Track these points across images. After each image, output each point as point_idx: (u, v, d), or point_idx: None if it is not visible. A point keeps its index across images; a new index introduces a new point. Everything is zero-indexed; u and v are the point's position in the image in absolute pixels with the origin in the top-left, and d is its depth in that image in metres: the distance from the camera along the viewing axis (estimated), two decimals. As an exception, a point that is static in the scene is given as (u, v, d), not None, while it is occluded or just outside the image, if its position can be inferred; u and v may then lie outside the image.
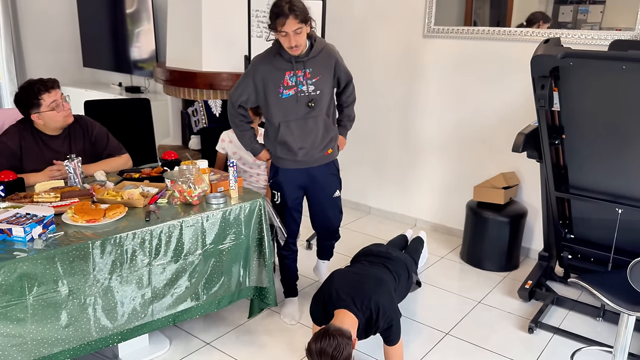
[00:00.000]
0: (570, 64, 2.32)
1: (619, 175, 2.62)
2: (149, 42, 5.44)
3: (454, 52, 3.80)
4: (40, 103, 2.63)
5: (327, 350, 2.06)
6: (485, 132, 3.78)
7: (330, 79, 2.70)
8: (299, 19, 2.41)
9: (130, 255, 2.18)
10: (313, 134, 2.69)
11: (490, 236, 3.53)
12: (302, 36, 2.48)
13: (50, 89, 2.66)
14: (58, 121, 2.72)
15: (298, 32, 2.44)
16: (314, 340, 2.11)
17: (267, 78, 2.62)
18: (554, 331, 2.88)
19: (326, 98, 2.68)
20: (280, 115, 2.66)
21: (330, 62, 2.67)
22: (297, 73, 2.59)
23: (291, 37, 2.44)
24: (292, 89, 2.61)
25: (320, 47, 2.64)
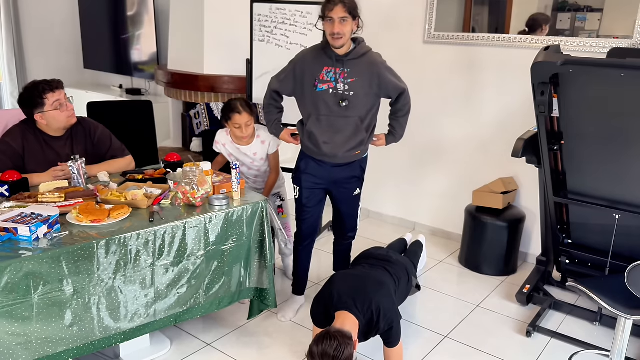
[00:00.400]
0: (570, 71, 2.36)
1: (617, 181, 2.66)
2: (150, 44, 5.46)
3: (454, 58, 3.84)
4: (44, 102, 2.65)
5: (328, 351, 2.08)
6: (484, 137, 3.82)
7: (369, 84, 2.67)
8: (346, 9, 2.52)
9: (134, 255, 2.20)
10: (340, 134, 2.71)
11: (488, 241, 3.56)
12: (347, 27, 2.55)
13: (55, 89, 2.69)
14: (61, 121, 2.74)
15: (343, 22, 2.53)
16: (315, 343, 2.13)
17: (306, 69, 2.71)
18: (551, 335, 2.91)
19: (361, 102, 2.68)
20: (312, 108, 2.72)
21: (372, 70, 2.67)
22: (336, 70, 2.64)
23: (336, 24, 2.53)
24: (327, 84, 2.66)
25: (363, 52, 2.68)
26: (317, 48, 2.73)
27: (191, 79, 4.37)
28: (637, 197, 2.65)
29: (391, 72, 2.74)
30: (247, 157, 3.05)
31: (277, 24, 3.80)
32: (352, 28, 2.59)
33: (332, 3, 2.52)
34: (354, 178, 2.87)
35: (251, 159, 3.04)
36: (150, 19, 5.37)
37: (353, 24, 2.59)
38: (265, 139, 3.03)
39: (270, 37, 3.82)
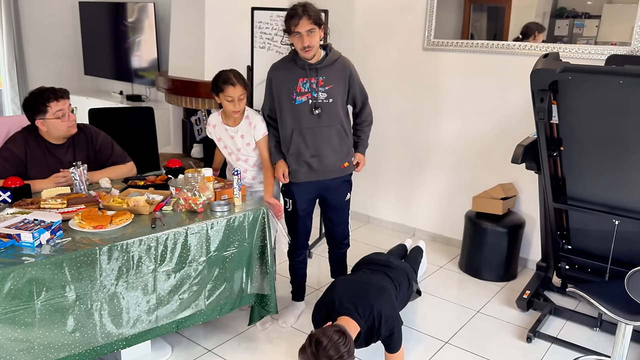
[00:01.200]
0: (569, 78, 2.38)
1: (616, 187, 2.68)
2: (150, 50, 5.49)
3: (454, 64, 3.86)
4: (46, 110, 2.67)
5: (320, 339, 2.09)
6: (484, 143, 3.84)
7: (344, 89, 2.72)
8: (311, 20, 2.52)
9: (137, 261, 2.21)
10: (327, 142, 2.72)
11: (488, 246, 3.57)
12: (315, 37, 2.56)
13: (60, 98, 2.71)
14: (61, 130, 2.75)
15: (311, 33, 2.53)
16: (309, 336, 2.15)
17: (280, 84, 2.71)
18: (551, 341, 2.91)
19: (339, 107, 2.71)
20: (293, 122, 2.71)
21: (345, 73, 2.71)
22: (311, 80, 2.65)
23: (304, 38, 2.53)
24: (305, 96, 2.66)
25: (335, 57, 2.70)
26: (287, 60, 2.72)
27: (192, 85, 4.38)
28: (636, 203, 2.67)
29: (358, 78, 2.80)
30: (233, 142, 2.87)
31: (277, 31, 3.82)
32: (319, 36, 2.60)
33: (297, 17, 2.51)
34: (345, 182, 2.88)
35: (238, 144, 2.86)
36: (150, 26, 5.39)
37: (320, 32, 2.59)
38: (253, 120, 2.83)
39: (270, 44, 3.84)
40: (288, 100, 2.69)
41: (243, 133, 2.84)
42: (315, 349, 2.07)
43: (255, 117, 2.84)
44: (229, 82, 2.69)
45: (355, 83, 2.76)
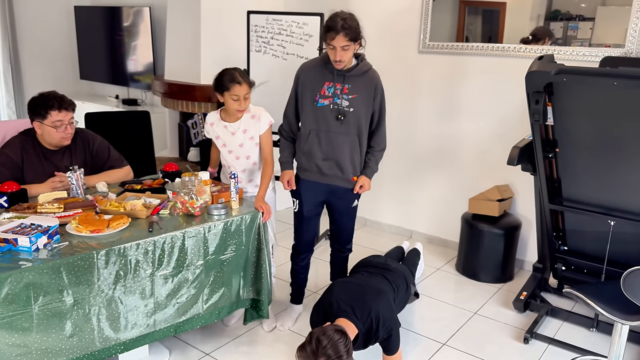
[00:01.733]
0: (563, 80, 2.39)
1: (612, 188, 2.69)
2: (146, 55, 5.49)
3: (449, 67, 3.88)
4: (46, 116, 2.67)
5: (320, 338, 2.11)
6: (479, 145, 3.85)
7: (369, 101, 2.69)
8: (348, 37, 2.48)
9: (134, 265, 2.21)
10: (339, 150, 2.71)
11: (485, 248, 3.58)
12: (349, 53, 2.55)
13: (63, 109, 2.69)
14: (54, 139, 2.75)
15: (345, 49, 2.52)
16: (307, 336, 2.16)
17: (306, 84, 2.71)
18: (549, 342, 2.92)
19: (360, 118, 2.68)
20: (312, 123, 2.72)
21: (371, 85, 2.68)
22: (336, 85, 2.65)
23: (337, 52, 2.52)
24: (328, 99, 2.67)
25: (365, 69, 2.67)
26: (318, 61, 2.72)
27: (188, 89, 4.39)
28: (631, 204, 2.68)
29: (384, 98, 2.77)
30: (235, 138, 2.80)
31: (273, 35, 3.83)
32: (354, 50, 2.59)
33: (334, 31, 2.47)
34: (352, 190, 2.84)
35: (240, 139, 2.80)
36: (146, 30, 5.40)
37: (355, 46, 2.57)
38: (256, 112, 2.79)
39: (267, 48, 3.85)
40: (311, 100, 2.70)
41: (245, 128, 2.79)
42: (315, 347, 2.08)
43: (257, 110, 2.81)
44: (236, 81, 2.65)
45: (378, 98, 2.72)
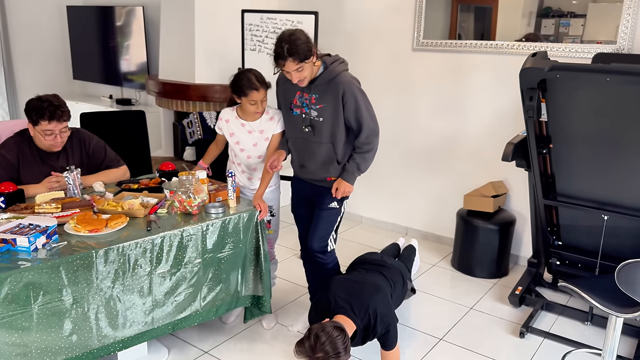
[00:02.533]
0: (557, 77, 2.42)
1: (605, 183, 2.72)
2: (139, 54, 5.48)
3: (443, 64, 3.90)
4: (37, 123, 2.65)
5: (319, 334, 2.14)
6: (474, 142, 3.88)
7: (337, 109, 2.58)
8: (297, 60, 2.42)
9: (133, 264, 2.22)
10: (314, 158, 2.70)
11: (480, 244, 3.61)
12: (305, 72, 2.48)
13: (55, 120, 2.65)
14: (42, 145, 2.74)
15: (300, 70, 2.46)
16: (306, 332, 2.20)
17: (286, 91, 2.72)
18: (544, 335, 2.95)
19: (332, 126, 2.62)
20: (290, 130, 2.74)
21: (338, 92, 2.56)
22: (305, 95, 2.63)
23: (293, 75, 2.49)
24: (299, 109, 2.67)
25: (330, 76, 2.57)
26: None
27: (182, 89, 4.39)
28: (624, 198, 2.71)
29: (359, 100, 2.56)
30: (250, 137, 2.80)
31: (268, 33, 3.84)
32: (311, 66, 2.50)
33: (282, 59, 2.43)
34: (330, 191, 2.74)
35: (256, 139, 2.80)
36: (139, 29, 5.39)
37: (310, 62, 2.47)
38: (274, 115, 2.81)
39: (261, 46, 3.86)
40: (287, 108, 2.72)
41: (263, 128, 2.80)
42: (314, 343, 2.10)
43: (276, 113, 2.82)
44: (253, 87, 2.64)
45: (350, 104, 2.56)
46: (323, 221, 2.77)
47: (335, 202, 2.75)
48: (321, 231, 2.77)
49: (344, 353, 2.15)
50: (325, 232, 2.77)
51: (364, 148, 2.66)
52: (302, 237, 2.94)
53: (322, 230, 2.77)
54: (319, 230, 2.77)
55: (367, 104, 2.61)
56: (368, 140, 2.64)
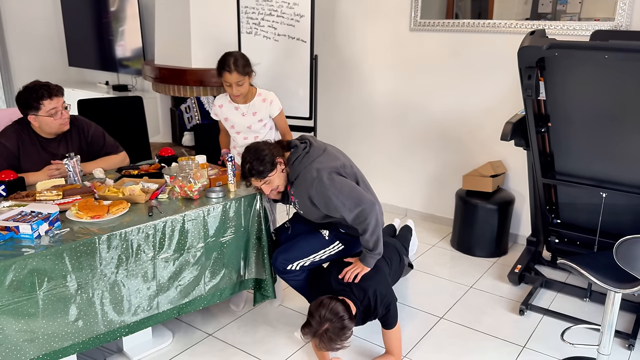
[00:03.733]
0: (555, 55, 2.42)
1: (603, 161, 2.73)
2: (135, 40, 5.44)
3: (441, 44, 3.89)
4: (39, 107, 2.65)
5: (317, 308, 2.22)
6: (472, 122, 3.88)
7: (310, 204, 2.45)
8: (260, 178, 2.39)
9: (136, 249, 2.23)
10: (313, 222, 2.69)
11: (479, 223, 3.64)
12: (274, 182, 2.42)
13: (54, 95, 2.67)
14: (53, 127, 2.74)
15: (268, 184, 2.42)
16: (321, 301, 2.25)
17: None
18: (543, 312, 2.99)
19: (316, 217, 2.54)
20: None
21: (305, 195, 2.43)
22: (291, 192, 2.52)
23: (264, 188, 2.44)
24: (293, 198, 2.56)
25: (294, 177, 2.45)
26: None
27: (179, 74, 4.36)
28: (623, 176, 2.73)
29: (328, 197, 2.34)
30: (244, 120, 2.83)
31: (264, 16, 3.82)
32: (279, 175, 2.42)
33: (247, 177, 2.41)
34: None
35: (249, 121, 2.84)
36: (134, 14, 5.34)
37: (277, 172, 2.41)
38: (267, 96, 2.88)
39: (257, 29, 3.84)
40: None
41: (255, 110, 2.89)
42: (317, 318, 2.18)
43: (269, 94, 2.87)
44: (225, 68, 2.75)
45: (321, 205, 2.40)
46: (305, 241, 2.60)
47: (329, 233, 2.60)
48: (294, 251, 2.58)
49: (347, 317, 2.22)
50: (298, 254, 2.58)
51: (360, 230, 2.40)
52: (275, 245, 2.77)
53: (296, 251, 2.58)
54: (294, 249, 2.59)
55: (340, 192, 2.34)
56: (357, 222, 2.38)
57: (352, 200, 2.33)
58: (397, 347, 2.51)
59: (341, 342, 2.22)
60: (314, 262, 2.61)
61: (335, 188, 2.33)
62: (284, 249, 2.62)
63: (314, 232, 2.65)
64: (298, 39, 3.82)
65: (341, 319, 2.20)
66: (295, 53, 3.87)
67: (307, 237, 2.63)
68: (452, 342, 2.74)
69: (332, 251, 2.61)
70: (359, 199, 2.33)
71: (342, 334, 2.21)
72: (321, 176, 2.34)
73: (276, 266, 2.60)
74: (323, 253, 2.60)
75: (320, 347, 2.26)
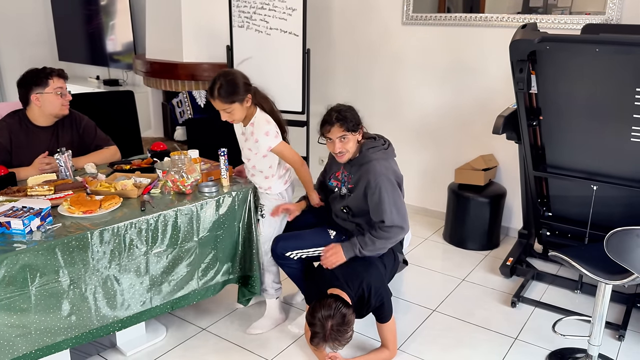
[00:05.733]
0: (547, 48, 2.43)
1: (594, 154, 2.75)
2: (125, 34, 5.40)
3: (433, 38, 3.89)
4: (48, 83, 2.71)
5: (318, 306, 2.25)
6: (464, 115, 3.89)
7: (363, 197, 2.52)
8: (344, 127, 2.45)
9: (128, 244, 2.22)
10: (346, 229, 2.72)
11: (471, 217, 3.66)
12: (348, 143, 2.50)
13: (61, 76, 2.77)
14: (56, 107, 2.75)
15: (343, 139, 2.48)
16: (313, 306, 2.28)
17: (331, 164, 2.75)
18: (535, 304, 3.02)
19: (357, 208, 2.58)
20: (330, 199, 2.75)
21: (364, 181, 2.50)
22: (344, 172, 2.62)
23: (336, 144, 2.49)
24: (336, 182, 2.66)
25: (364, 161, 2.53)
26: None
27: (170, 68, 4.34)
28: (613, 168, 2.75)
29: (383, 193, 2.44)
30: (241, 139, 2.64)
31: (256, 9, 3.80)
32: (356, 140, 2.52)
33: (329, 124, 2.46)
34: None
35: (243, 144, 2.62)
36: (124, 8, 5.30)
37: (357, 135, 2.51)
38: (257, 131, 2.49)
39: (249, 23, 3.82)
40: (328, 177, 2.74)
41: (247, 138, 2.58)
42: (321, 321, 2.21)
43: (259, 130, 2.49)
44: (210, 94, 2.44)
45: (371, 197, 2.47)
46: (310, 234, 2.65)
47: (335, 234, 2.65)
48: (297, 240, 2.63)
49: (342, 305, 2.25)
50: (300, 244, 2.61)
51: (380, 233, 2.47)
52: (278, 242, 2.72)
53: (299, 240, 2.63)
54: (297, 238, 2.63)
55: (395, 198, 2.47)
56: (388, 229, 2.46)
57: (399, 217, 2.47)
58: (392, 340, 2.52)
59: (349, 334, 2.26)
60: (312, 256, 2.63)
61: (393, 195, 2.47)
62: (287, 236, 2.68)
63: (322, 228, 2.70)
64: (290, 33, 3.81)
65: (339, 310, 2.22)
66: (287, 47, 3.86)
67: (313, 231, 2.68)
68: (445, 334, 2.76)
69: None
70: (404, 220, 2.50)
71: (346, 325, 2.24)
72: (389, 177, 2.49)
73: (275, 250, 2.63)
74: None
75: (334, 348, 2.30)
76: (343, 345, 2.28)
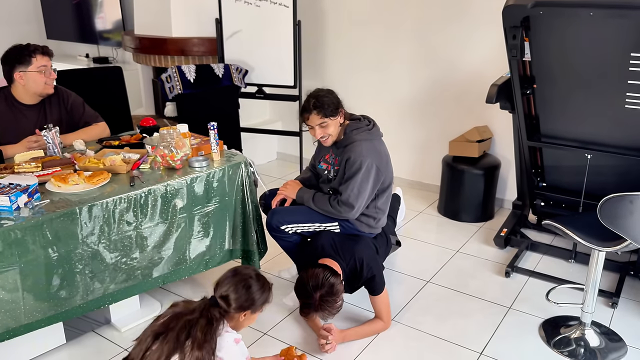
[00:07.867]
0: (540, 13, 2.38)
1: (588, 122, 2.73)
2: (114, 11, 5.30)
3: (424, 9, 3.82)
4: (31, 61, 2.64)
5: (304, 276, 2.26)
6: (457, 87, 3.85)
7: None
8: (322, 114, 2.47)
9: (118, 219, 2.20)
10: None
11: (466, 189, 3.64)
12: (329, 128, 2.52)
13: (45, 54, 2.69)
14: (39, 85, 2.70)
15: (323, 125, 2.50)
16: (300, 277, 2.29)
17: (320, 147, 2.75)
18: (529, 274, 3.02)
19: None
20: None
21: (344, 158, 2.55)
22: (332, 155, 2.64)
23: (316, 130, 2.52)
24: (326, 165, 2.68)
25: (347, 142, 2.56)
26: None
27: (160, 43, 4.26)
28: (607, 137, 2.73)
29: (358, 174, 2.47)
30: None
31: (245, -18, 3.72)
32: (337, 124, 2.53)
33: (307, 112, 2.48)
34: None
35: None
36: (112, -16, 5.20)
37: (337, 119, 2.52)
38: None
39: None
40: (317, 158, 2.77)
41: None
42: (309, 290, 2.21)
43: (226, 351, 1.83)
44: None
45: (347, 171, 2.52)
46: (307, 209, 2.63)
47: None
48: (294, 214, 2.63)
49: (330, 274, 2.26)
50: (296, 218, 2.62)
51: (332, 202, 2.54)
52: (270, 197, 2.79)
53: (296, 215, 2.63)
54: (293, 212, 2.65)
55: (364, 183, 2.49)
56: (341, 203, 2.51)
57: (356, 199, 2.49)
58: (386, 311, 2.53)
59: (338, 303, 2.26)
60: (308, 231, 2.64)
61: (364, 180, 2.48)
62: (283, 209, 2.68)
63: None
64: (280, 4, 3.74)
65: (327, 280, 2.22)
66: (277, 19, 3.80)
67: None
68: (438, 304, 2.76)
69: (328, 228, 2.63)
70: (358, 204, 2.50)
71: (334, 295, 2.24)
72: (371, 161, 2.49)
73: (270, 223, 2.62)
74: (319, 226, 2.63)
75: (324, 317, 2.30)
76: (333, 315, 2.29)
